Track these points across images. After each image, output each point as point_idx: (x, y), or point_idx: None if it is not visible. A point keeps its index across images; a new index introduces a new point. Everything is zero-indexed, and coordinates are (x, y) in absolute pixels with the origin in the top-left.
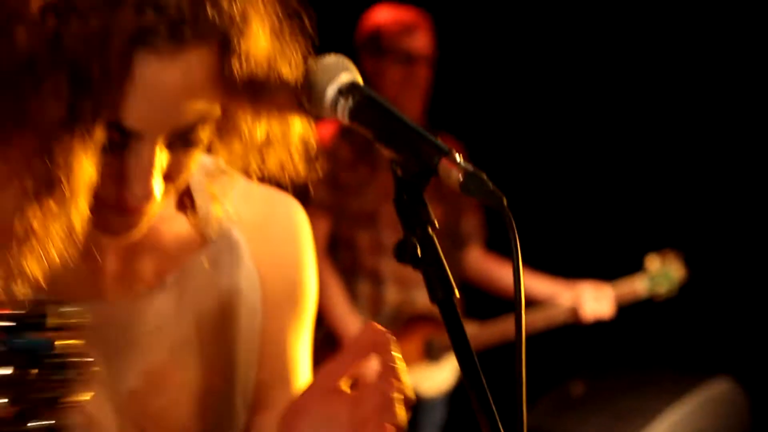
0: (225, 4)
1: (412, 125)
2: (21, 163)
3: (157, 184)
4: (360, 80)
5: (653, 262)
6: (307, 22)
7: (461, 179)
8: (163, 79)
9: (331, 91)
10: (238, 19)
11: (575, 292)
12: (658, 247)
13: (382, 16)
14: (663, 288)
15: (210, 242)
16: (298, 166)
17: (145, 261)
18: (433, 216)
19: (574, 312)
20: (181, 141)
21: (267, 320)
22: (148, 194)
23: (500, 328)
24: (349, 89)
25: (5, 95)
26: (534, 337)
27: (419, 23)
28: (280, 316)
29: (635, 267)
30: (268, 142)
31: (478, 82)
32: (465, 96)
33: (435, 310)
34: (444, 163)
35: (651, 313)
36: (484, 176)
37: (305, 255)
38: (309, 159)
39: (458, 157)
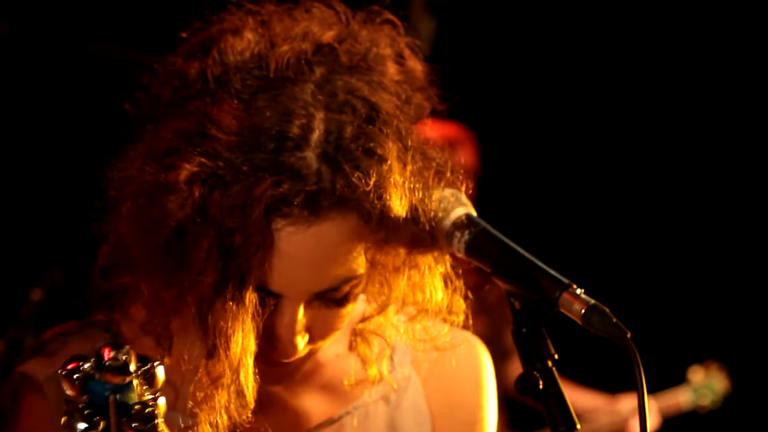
0: (358, 178)
1: (530, 258)
2: (182, 338)
3: (301, 341)
4: (474, 213)
5: (696, 374)
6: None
7: (583, 313)
8: (299, 245)
9: (446, 225)
10: (373, 190)
11: (619, 406)
12: (701, 359)
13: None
14: (707, 400)
15: (380, 381)
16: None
17: (314, 397)
18: (552, 349)
19: (618, 425)
20: (325, 300)
21: None
22: (291, 351)
23: None
24: (465, 223)
25: (163, 267)
26: None
27: (462, 138)
28: None
29: (678, 379)
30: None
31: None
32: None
33: None
34: (565, 297)
35: (695, 425)
36: (607, 310)
37: (484, 396)
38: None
39: (578, 291)
